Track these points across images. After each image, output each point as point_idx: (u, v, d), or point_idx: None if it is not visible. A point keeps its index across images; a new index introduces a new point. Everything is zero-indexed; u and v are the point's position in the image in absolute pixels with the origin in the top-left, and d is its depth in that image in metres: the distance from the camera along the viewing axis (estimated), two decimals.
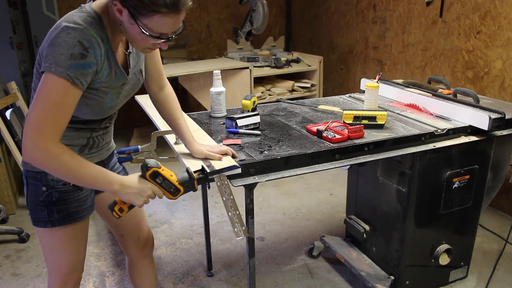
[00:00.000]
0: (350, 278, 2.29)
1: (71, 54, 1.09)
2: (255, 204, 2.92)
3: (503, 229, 2.71)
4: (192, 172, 1.29)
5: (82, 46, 1.11)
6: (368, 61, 4.01)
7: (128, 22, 1.14)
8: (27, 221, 2.93)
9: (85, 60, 1.12)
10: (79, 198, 1.37)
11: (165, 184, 1.24)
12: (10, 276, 2.38)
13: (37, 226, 1.36)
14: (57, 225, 1.34)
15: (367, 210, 2.22)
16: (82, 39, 1.11)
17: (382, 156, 1.65)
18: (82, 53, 1.11)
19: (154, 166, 1.22)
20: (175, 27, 1.16)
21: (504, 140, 1.96)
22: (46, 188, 1.31)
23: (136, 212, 1.62)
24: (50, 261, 1.43)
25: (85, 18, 1.15)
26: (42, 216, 1.33)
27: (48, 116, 1.11)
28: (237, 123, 1.76)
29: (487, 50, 2.84)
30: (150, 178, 1.23)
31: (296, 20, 5.08)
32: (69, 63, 1.09)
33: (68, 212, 1.35)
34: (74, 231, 1.39)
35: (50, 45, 1.11)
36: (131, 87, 1.37)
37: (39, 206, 1.33)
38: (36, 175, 1.31)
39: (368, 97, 2.05)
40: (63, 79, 1.10)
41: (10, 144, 2.93)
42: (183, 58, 4.35)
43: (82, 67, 1.12)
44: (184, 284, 2.29)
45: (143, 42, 1.18)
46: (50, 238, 1.38)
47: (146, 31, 1.13)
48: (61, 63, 1.09)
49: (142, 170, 1.23)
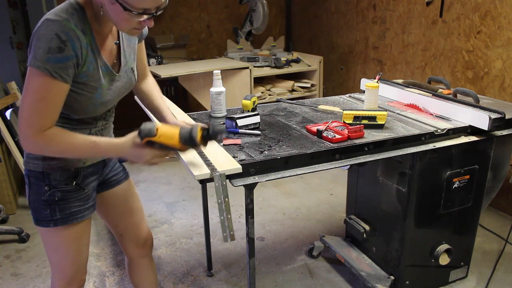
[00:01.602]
0: (350, 278, 2.29)
1: (48, 48, 1.09)
2: (255, 204, 2.92)
3: (503, 229, 2.71)
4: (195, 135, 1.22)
5: (59, 39, 1.10)
6: (368, 61, 4.01)
7: (109, 3, 1.13)
8: (27, 221, 2.93)
9: (62, 54, 1.11)
10: (81, 197, 1.37)
11: (163, 149, 1.21)
12: (10, 276, 2.37)
13: (39, 226, 1.36)
14: (59, 224, 1.35)
15: (367, 210, 2.22)
16: (60, 31, 1.10)
17: (382, 156, 1.65)
18: (59, 47, 1.10)
19: (147, 136, 1.17)
20: (158, 2, 1.14)
21: (504, 140, 1.96)
22: (48, 187, 1.31)
23: (136, 212, 1.63)
24: (54, 262, 1.43)
25: (67, 9, 1.14)
26: (44, 216, 1.33)
27: (34, 110, 1.14)
28: (237, 123, 1.76)
29: (487, 50, 2.84)
30: (147, 145, 1.20)
31: (296, 20, 5.08)
32: (47, 57, 1.09)
33: (71, 211, 1.35)
34: (76, 230, 1.39)
35: (32, 38, 1.12)
36: (123, 85, 1.35)
37: (41, 205, 1.33)
38: (39, 174, 1.31)
39: (368, 97, 2.05)
40: (42, 73, 1.10)
41: (10, 144, 2.94)
42: (183, 58, 4.35)
43: (60, 60, 1.11)
44: (184, 284, 2.29)
45: (127, 22, 1.16)
46: (53, 238, 1.38)
47: (128, 8, 1.11)
48: (39, 57, 1.09)
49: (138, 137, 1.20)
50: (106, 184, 1.52)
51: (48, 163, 1.30)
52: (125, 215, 1.60)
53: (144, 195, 3.28)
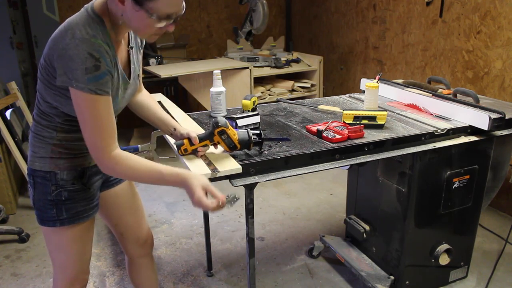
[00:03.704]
0: (350, 278, 2.29)
1: (85, 68, 1.10)
2: (255, 204, 2.92)
3: (503, 229, 2.71)
4: (251, 136, 1.47)
5: (93, 57, 1.11)
6: (368, 61, 4.01)
7: (132, 10, 1.14)
8: (27, 221, 2.93)
9: (99, 71, 1.13)
10: (87, 196, 1.38)
11: (227, 141, 1.44)
12: (10, 276, 2.37)
13: (44, 226, 1.36)
14: (66, 224, 1.35)
15: (367, 210, 2.22)
16: (91, 50, 1.11)
17: (382, 156, 1.66)
18: (95, 65, 1.12)
19: (223, 126, 1.42)
20: (180, 6, 1.17)
21: (504, 140, 1.96)
22: (55, 187, 1.31)
23: (136, 211, 1.63)
24: (57, 261, 1.43)
25: (89, 23, 1.15)
26: (50, 215, 1.33)
27: (94, 131, 1.17)
28: (237, 123, 1.76)
29: (487, 50, 2.84)
30: (217, 134, 1.43)
31: (296, 20, 5.08)
32: (87, 78, 1.11)
33: (77, 211, 1.36)
34: (81, 230, 1.40)
35: (60, 56, 1.12)
36: (131, 91, 1.37)
37: (47, 205, 1.33)
38: (45, 174, 1.31)
39: (368, 97, 2.05)
40: (87, 94, 1.12)
41: (10, 144, 2.93)
42: (183, 58, 4.34)
43: (100, 78, 1.13)
44: (184, 284, 2.29)
45: (149, 28, 1.18)
46: (58, 238, 1.38)
47: (153, 14, 1.13)
48: (79, 78, 1.11)
49: (212, 126, 1.42)
50: (107, 183, 1.53)
51: (55, 163, 1.30)
52: (126, 214, 1.60)
53: (144, 195, 3.28)
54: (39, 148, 1.31)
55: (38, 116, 1.30)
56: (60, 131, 1.29)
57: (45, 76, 1.20)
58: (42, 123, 1.30)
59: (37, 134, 1.31)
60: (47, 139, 1.30)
